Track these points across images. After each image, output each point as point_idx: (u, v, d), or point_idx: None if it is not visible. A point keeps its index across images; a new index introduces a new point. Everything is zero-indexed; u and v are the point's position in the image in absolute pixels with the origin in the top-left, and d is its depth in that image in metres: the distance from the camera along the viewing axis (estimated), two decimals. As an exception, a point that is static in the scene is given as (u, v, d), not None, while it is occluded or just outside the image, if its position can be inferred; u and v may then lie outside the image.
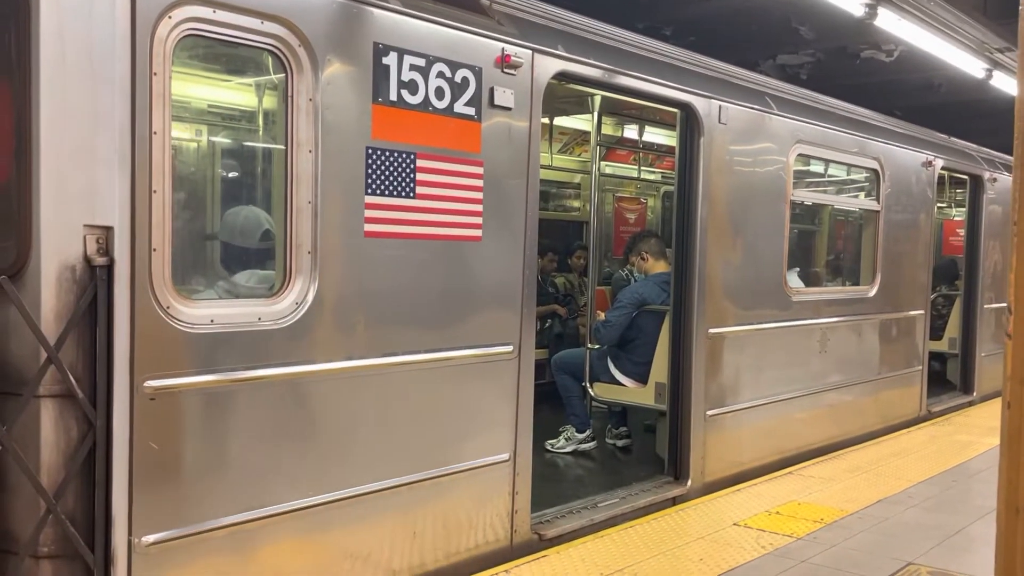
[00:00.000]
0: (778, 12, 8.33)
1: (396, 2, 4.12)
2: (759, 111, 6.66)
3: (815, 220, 9.51)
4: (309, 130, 3.78)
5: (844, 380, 7.96)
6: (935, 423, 9.09)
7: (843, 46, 9.48)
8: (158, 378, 3.34)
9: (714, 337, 6.30)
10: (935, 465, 7.11)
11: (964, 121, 12.04)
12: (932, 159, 9.12)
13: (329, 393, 3.96)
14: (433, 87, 4.25)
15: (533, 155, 4.84)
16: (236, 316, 3.62)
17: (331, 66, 3.84)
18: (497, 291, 4.70)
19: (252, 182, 4.48)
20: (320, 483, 3.92)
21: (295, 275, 3.79)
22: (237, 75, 4.29)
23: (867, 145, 8.06)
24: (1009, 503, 2.65)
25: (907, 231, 8.83)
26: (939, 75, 10.34)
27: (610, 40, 5.65)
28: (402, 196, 4.15)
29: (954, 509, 5.90)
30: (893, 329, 8.71)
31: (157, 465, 3.37)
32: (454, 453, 4.51)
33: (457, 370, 4.50)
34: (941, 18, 7.09)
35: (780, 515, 5.63)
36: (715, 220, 6.23)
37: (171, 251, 3.39)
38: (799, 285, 7.76)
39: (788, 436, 7.21)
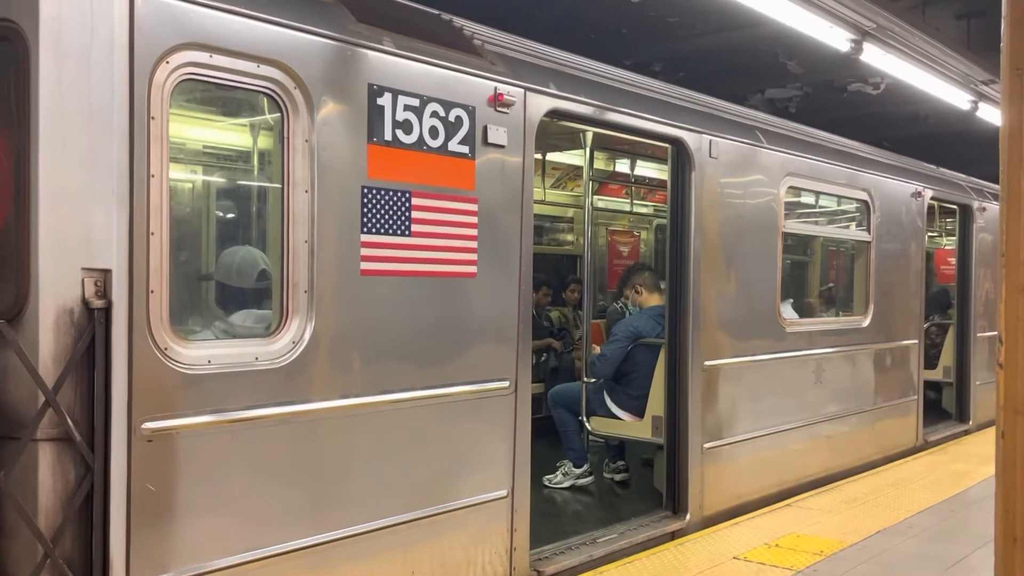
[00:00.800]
0: (765, 47, 8.47)
1: (390, 44, 4.18)
2: (749, 145, 6.75)
3: (807, 251, 9.58)
4: (305, 170, 3.83)
5: (840, 411, 7.97)
6: (932, 452, 9.08)
7: (830, 80, 9.64)
8: (156, 420, 3.34)
9: (709, 369, 6.32)
10: (933, 495, 7.10)
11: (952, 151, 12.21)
12: (921, 189, 9.22)
13: (326, 432, 3.95)
14: (427, 126, 4.31)
15: (527, 191, 4.89)
16: (233, 356, 3.62)
17: (326, 107, 3.89)
18: (492, 327, 4.72)
19: (249, 222, 4.52)
20: (319, 523, 3.91)
21: (292, 314, 3.81)
22: (234, 117, 4.35)
23: (857, 177, 8.15)
24: (1006, 532, 2.67)
25: (898, 261, 8.90)
26: (926, 107, 10.50)
27: (600, 77, 5.73)
28: (398, 234, 4.18)
29: (953, 539, 5.88)
30: (887, 359, 8.74)
31: (155, 507, 3.36)
32: (452, 490, 4.50)
33: (454, 406, 4.50)
34: (926, 52, 7.22)
35: (780, 548, 5.60)
36: (708, 253, 6.28)
37: (168, 292, 3.41)
38: (793, 316, 7.80)
39: (786, 468, 7.20)
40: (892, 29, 6.54)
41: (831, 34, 6.52)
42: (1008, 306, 2.63)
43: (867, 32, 6.53)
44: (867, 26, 6.44)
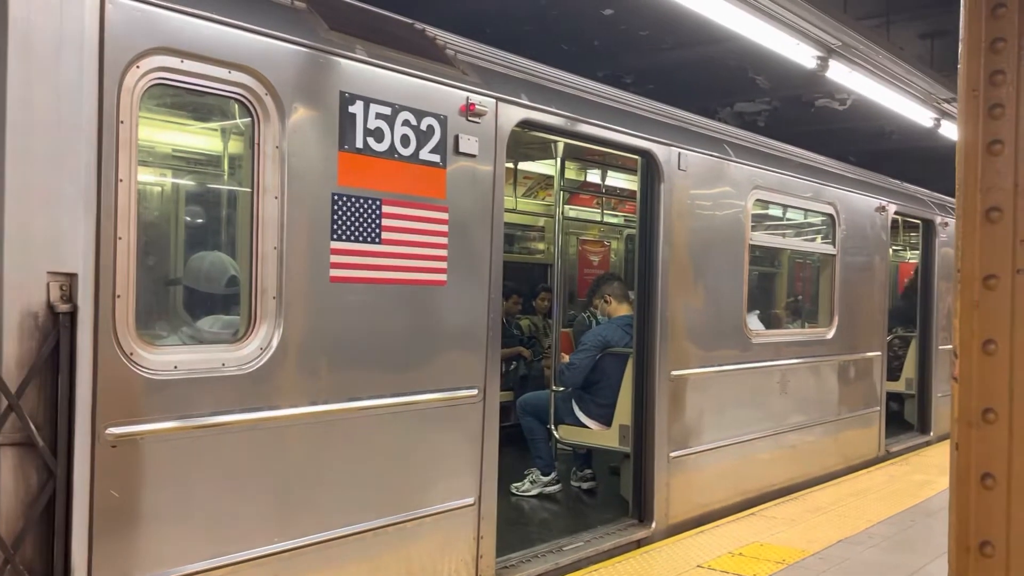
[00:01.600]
0: (735, 62, 8.59)
1: (362, 52, 4.20)
2: (718, 158, 6.83)
3: (774, 263, 9.71)
4: (275, 176, 3.83)
5: (804, 421, 8.07)
6: (894, 463, 9.22)
7: (798, 95, 9.79)
8: (120, 425, 3.32)
9: (676, 379, 6.38)
10: (894, 505, 7.21)
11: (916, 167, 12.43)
12: (886, 204, 9.38)
13: (293, 438, 3.95)
14: (399, 135, 4.33)
15: (497, 200, 4.92)
16: (200, 362, 3.61)
17: (297, 114, 3.90)
18: (461, 334, 4.74)
19: (218, 228, 4.50)
20: (285, 530, 3.90)
21: (260, 320, 3.80)
22: (204, 122, 4.34)
23: (822, 191, 8.28)
24: (960, 542, 2.73)
25: (863, 274, 9.04)
26: (891, 123, 10.69)
27: (572, 89, 5.79)
28: (368, 242, 4.19)
29: (913, 548, 5.99)
30: (851, 370, 8.88)
31: (118, 513, 3.34)
32: (419, 498, 4.50)
33: (422, 414, 4.51)
34: (890, 70, 7.37)
35: (743, 556, 5.67)
36: (676, 264, 6.35)
37: (135, 297, 3.40)
38: (759, 327, 7.90)
39: (751, 477, 7.28)
40: (857, 47, 6.67)
41: (798, 51, 6.64)
42: (962, 321, 2.70)
43: (833, 49, 6.66)
44: (833, 44, 6.57)
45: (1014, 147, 2.71)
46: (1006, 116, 2.74)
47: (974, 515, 2.70)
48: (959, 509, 2.73)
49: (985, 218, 2.72)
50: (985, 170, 2.75)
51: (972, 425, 2.71)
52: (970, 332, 2.71)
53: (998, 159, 2.74)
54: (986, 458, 2.70)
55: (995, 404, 2.68)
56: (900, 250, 13.91)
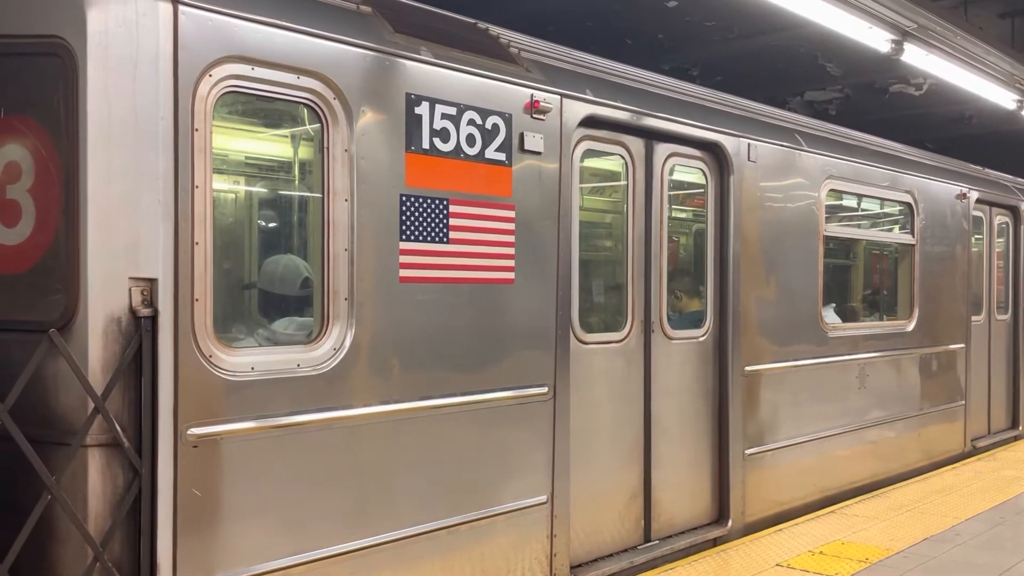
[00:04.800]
0: (804, 50, 8.39)
1: (427, 53, 4.22)
2: (789, 148, 6.68)
3: (850, 255, 9.45)
4: (345, 179, 3.88)
5: (884, 416, 7.84)
6: (980, 459, 8.90)
7: (871, 81, 9.51)
8: (201, 426, 3.41)
9: (750, 375, 6.26)
10: (982, 502, 6.95)
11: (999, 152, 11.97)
12: (967, 191, 9.05)
13: (367, 437, 3.99)
14: (464, 134, 4.34)
15: (564, 197, 4.90)
16: (276, 363, 3.68)
17: (365, 117, 3.94)
18: (530, 332, 4.73)
19: (290, 231, 4.58)
20: (360, 527, 3.95)
21: (332, 321, 3.86)
22: (275, 128, 4.42)
23: (899, 179, 8.03)
24: (1057, 540, 2.62)
25: (944, 264, 8.75)
26: (970, 107, 10.31)
27: (637, 83, 5.73)
28: (436, 241, 4.21)
29: (1003, 547, 5.76)
30: (933, 363, 8.59)
31: (201, 512, 3.42)
32: (491, 496, 4.51)
33: (492, 412, 4.52)
34: (968, 51, 7.10)
35: (824, 555, 5.53)
36: (748, 257, 6.23)
37: (213, 301, 3.48)
38: (835, 321, 7.70)
39: (829, 474, 7.11)
40: (933, 29, 6.44)
41: (870, 35, 6.44)
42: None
43: (908, 32, 6.44)
44: (907, 26, 6.35)
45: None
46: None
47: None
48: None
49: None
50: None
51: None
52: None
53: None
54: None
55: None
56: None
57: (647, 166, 5.69)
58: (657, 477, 5.65)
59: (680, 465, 5.84)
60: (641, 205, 5.69)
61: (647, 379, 5.65)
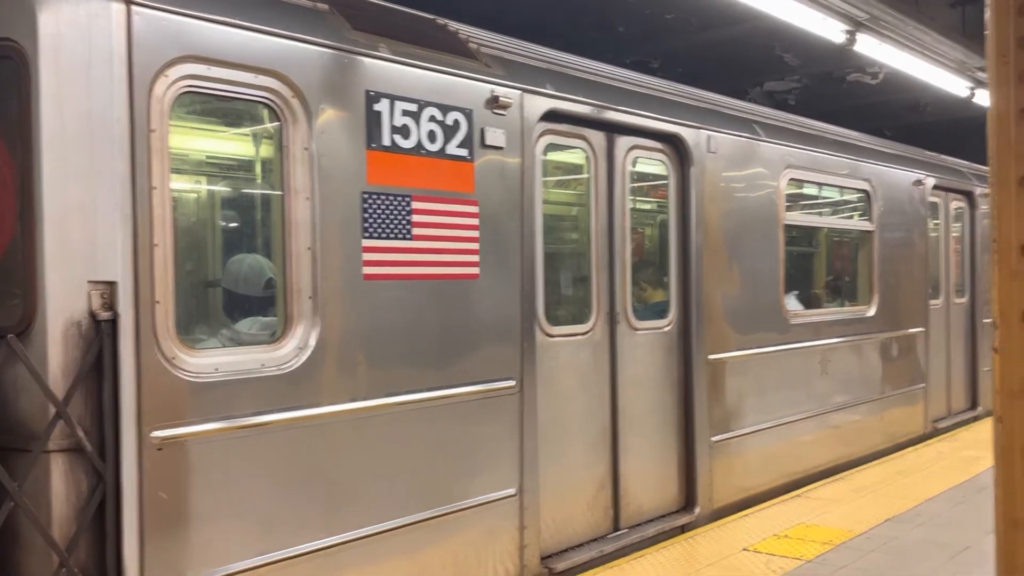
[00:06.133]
0: (762, 41, 8.49)
1: (386, 50, 4.22)
2: (748, 139, 6.77)
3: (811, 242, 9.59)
4: (305, 178, 3.87)
5: (847, 400, 7.98)
6: (942, 439, 9.09)
7: (828, 71, 9.64)
8: (165, 428, 3.39)
9: (714, 363, 6.34)
10: (942, 482, 7.11)
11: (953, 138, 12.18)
12: (923, 178, 9.22)
13: (334, 435, 4.00)
14: (425, 131, 4.35)
15: (527, 191, 4.92)
16: (240, 364, 3.67)
17: (325, 115, 3.94)
18: (496, 327, 4.75)
19: (251, 231, 4.56)
20: (329, 525, 3.95)
21: (296, 321, 3.85)
22: (233, 127, 4.39)
23: (857, 167, 8.16)
24: (1007, 516, 2.68)
25: (902, 249, 8.90)
26: (925, 95, 10.49)
27: (598, 76, 5.76)
28: (399, 238, 4.22)
29: (962, 526, 5.90)
30: (894, 347, 8.75)
31: (167, 514, 3.41)
32: (460, 490, 4.54)
33: (460, 407, 4.54)
34: (920, 41, 7.23)
35: (789, 538, 5.63)
36: (710, 247, 6.31)
37: (174, 302, 3.46)
38: (797, 308, 7.82)
39: (794, 459, 7.22)
40: (885, 19, 6.55)
41: (825, 26, 6.54)
42: (1001, 291, 2.65)
43: (861, 23, 6.55)
44: (860, 17, 6.46)
45: (1048, 112, 2.65)
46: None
47: (1020, 488, 2.65)
48: (1004, 482, 2.68)
49: (1020, 186, 2.66)
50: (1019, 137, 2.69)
51: (1014, 396, 2.65)
52: (1009, 302, 2.66)
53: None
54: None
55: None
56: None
57: (609, 159, 5.74)
58: (625, 466, 5.71)
59: (647, 454, 5.91)
60: (604, 198, 5.73)
61: (613, 370, 5.70)
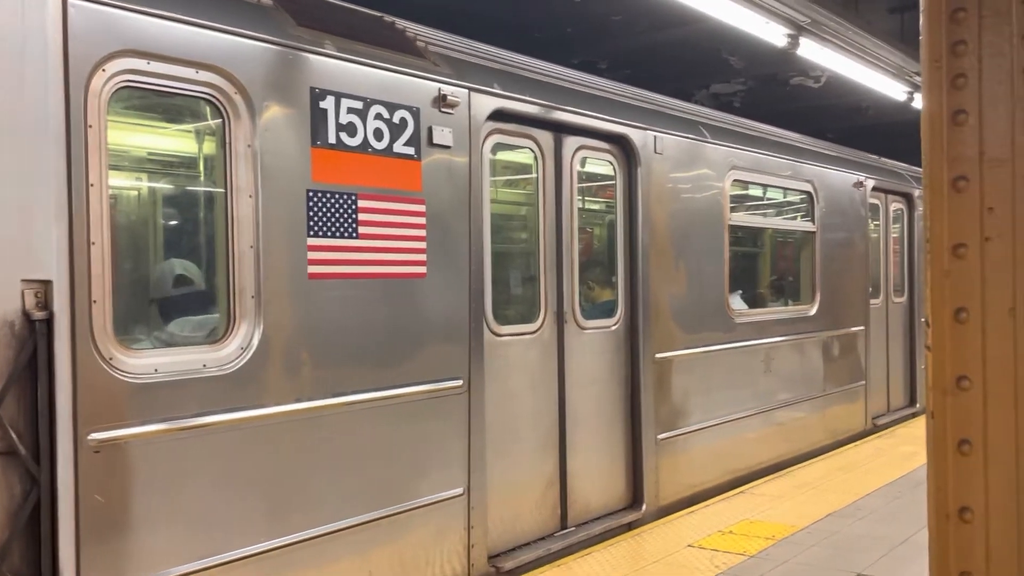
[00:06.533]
0: (708, 43, 8.60)
1: (331, 47, 4.18)
2: (694, 140, 6.85)
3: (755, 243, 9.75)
4: (248, 175, 3.82)
5: (790, 398, 8.13)
6: (881, 435, 9.31)
7: (772, 74, 9.81)
8: (102, 430, 3.32)
9: (661, 362, 6.41)
10: (881, 477, 7.28)
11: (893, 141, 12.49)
12: (863, 179, 9.43)
13: (279, 436, 3.95)
14: (372, 128, 4.32)
15: (475, 190, 4.92)
16: (180, 364, 3.61)
17: (268, 111, 3.88)
18: (444, 326, 4.74)
19: (193, 229, 4.48)
20: (275, 527, 3.90)
21: (239, 320, 3.80)
22: (175, 123, 4.31)
23: (800, 169, 8.32)
24: (939, 509, 2.76)
25: (843, 250, 9.10)
26: (866, 98, 10.73)
27: (546, 76, 5.78)
28: (345, 237, 4.19)
29: (899, 519, 6.05)
30: (835, 346, 8.94)
31: (105, 518, 3.33)
32: (408, 490, 4.52)
33: (407, 407, 4.52)
34: (860, 45, 7.39)
35: (733, 534, 5.72)
36: (656, 247, 6.37)
37: (112, 302, 3.38)
38: (742, 307, 7.94)
39: (738, 455, 7.33)
40: (826, 24, 6.69)
41: (768, 29, 6.65)
42: (934, 290, 2.73)
43: (802, 27, 6.67)
44: (802, 21, 6.58)
45: (978, 116, 2.74)
46: (969, 86, 2.77)
47: (952, 482, 2.73)
48: (937, 477, 2.76)
49: (952, 187, 2.74)
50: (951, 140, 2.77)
51: (947, 393, 2.74)
52: (941, 301, 2.74)
53: (963, 129, 2.76)
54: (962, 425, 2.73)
55: (969, 371, 2.71)
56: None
57: (557, 159, 5.76)
58: (573, 465, 5.74)
59: (595, 452, 5.95)
60: (552, 197, 5.76)
61: (561, 369, 5.73)
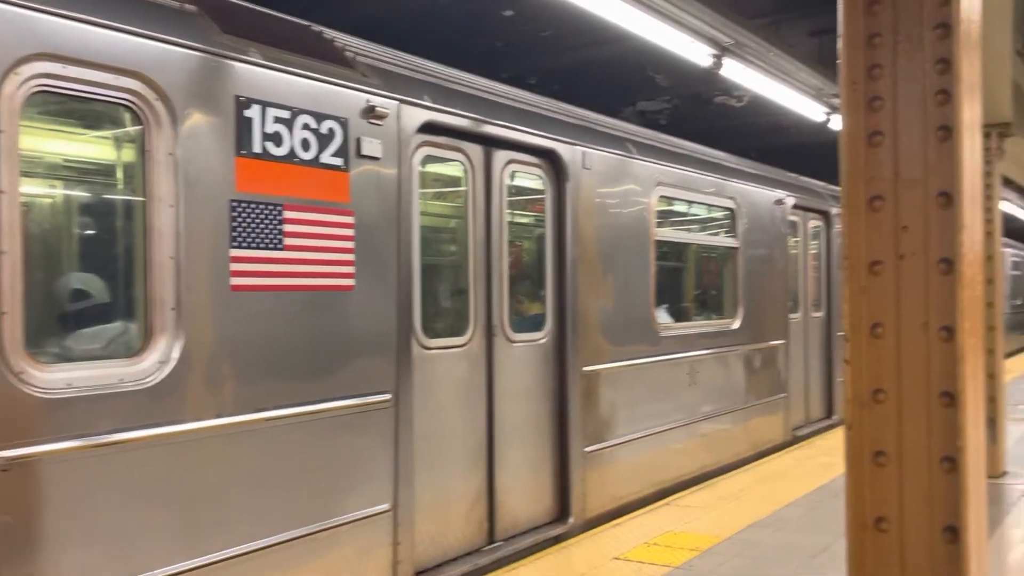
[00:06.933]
0: (635, 62, 8.75)
1: (257, 55, 4.11)
2: (621, 156, 6.95)
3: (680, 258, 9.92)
4: (169, 184, 3.72)
5: (714, 410, 8.28)
6: (800, 447, 9.54)
7: (697, 92, 10.02)
8: (12, 448, 3.17)
9: (588, 375, 6.46)
10: (801, 487, 7.46)
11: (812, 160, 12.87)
12: (784, 197, 9.70)
13: (200, 453, 3.84)
14: (299, 138, 4.26)
15: (404, 202, 4.89)
16: (96, 378, 3.48)
17: (191, 119, 3.79)
18: (371, 339, 4.69)
19: (110, 238, 4.34)
20: (196, 546, 3.79)
21: (158, 333, 3.69)
22: (93, 129, 4.17)
23: (723, 186, 8.51)
24: (857, 519, 2.84)
25: (765, 265, 9.33)
26: (786, 118, 11.04)
27: (476, 90, 5.79)
28: (270, 248, 4.11)
29: (818, 529, 6.20)
30: (757, 359, 9.15)
31: (13, 540, 3.18)
32: (333, 506, 4.44)
33: (333, 421, 4.45)
34: (781, 67, 7.61)
35: (658, 546, 5.78)
36: (585, 261, 6.43)
37: (23, 314, 3.25)
38: (667, 320, 8.06)
39: (664, 467, 7.43)
40: (749, 45, 6.87)
41: (693, 49, 6.80)
42: (852, 305, 2.82)
43: (726, 48, 6.84)
44: (726, 42, 6.74)
45: (893, 138, 2.85)
46: (885, 108, 2.88)
47: (869, 492, 2.82)
48: (854, 487, 2.85)
49: (869, 207, 2.85)
50: (868, 161, 2.88)
51: (864, 405, 2.83)
52: (859, 316, 2.83)
53: (879, 150, 2.87)
54: (878, 436, 2.82)
55: (884, 384, 2.80)
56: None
57: (487, 172, 5.77)
58: (500, 479, 5.73)
59: (523, 466, 5.95)
60: (482, 211, 5.76)
61: (490, 382, 5.72)
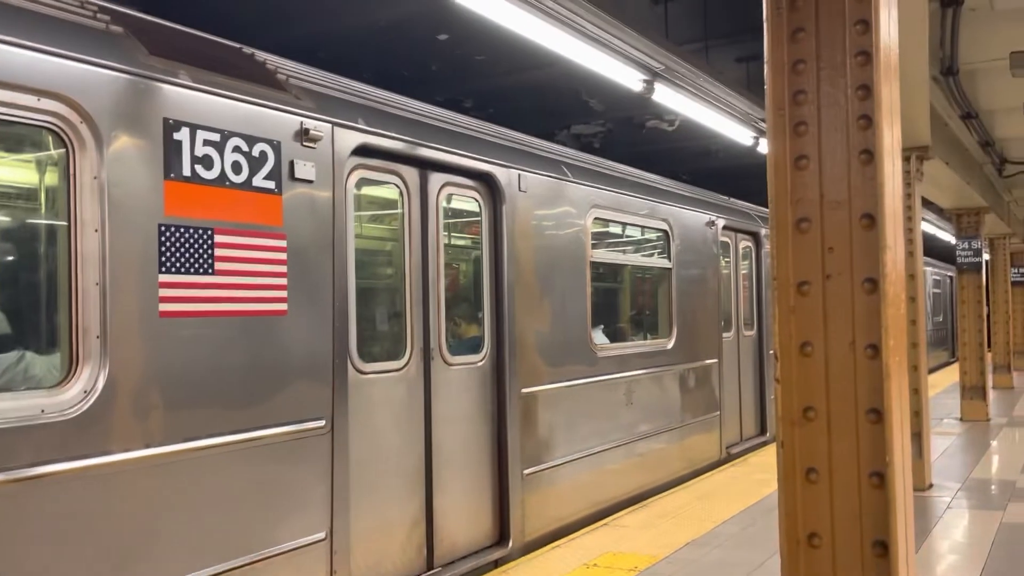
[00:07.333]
0: (568, 86, 8.87)
1: (186, 77, 4.04)
2: (557, 179, 7.01)
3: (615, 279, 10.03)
4: (94, 208, 3.62)
5: (651, 429, 8.36)
6: (735, 464, 9.68)
7: (630, 116, 10.20)
8: (-77, 485, 3.03)
9: (527, 397, 6.46)
10: (736, 504, 7.56)
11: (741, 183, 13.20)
12: (715, 219, 9.89)
13: (128, 485, 3.71)
14: (230, 161, 4.19)
15: (339, 226, 4.84)
16: (14, 409, 3.34)
17: (118, 142, 3.70)
18: (306, 365, 4.61)
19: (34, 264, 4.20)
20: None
21: (82, 362, 3.57)
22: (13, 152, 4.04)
23: (656, 208, 8.65)
24: (790, 535, 2.89)
25: (697, 286, 9.49)
26: (716, 142, 11.31)
27: (411, 113, 5.79)
28: (200, 273, 4.02)
29: (754, 545, 6.29)
30: (691, 378, 9.28)
31: (-77, 583, 3.03)
32: (267, 537, 4.34)
33: (266, 449, 4.35)
34: (710, 92, 7.79)
35: (597, 567, 5.78)
36: (521, 283, 6.45)
37: (-64, 344, 3.11)
38: (604, 341, 8.13)
39: (602, 487, 7.46)
40: (679, 71, 7.02)
41: (624, 74, 6.91)
42: (781, 325, 2.88)
43: (657, 73, 6.98)
44: (656, 67, 6.88)
45: (818, 162, 2.94)
46: (809, 133, 2.97)
47: (801, 509, 2.87)
48: (787, 504, 2.90)
49: (796, 228, 2.92)
50: (794, 184, 2.96)
51: (795, 423, 2.89)
52: (788, 336, 2.90)
53: (805, 173, 2.96)
54: (809, 454, 2.88)
55: (814, 402, 2.87)
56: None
57: (422, 195, 5.75)
58: (439, 503, 5.67)
59: (462, 489, 5.90)
60: (418, 234, 5.74)
61: (428, 406, 5.68)
